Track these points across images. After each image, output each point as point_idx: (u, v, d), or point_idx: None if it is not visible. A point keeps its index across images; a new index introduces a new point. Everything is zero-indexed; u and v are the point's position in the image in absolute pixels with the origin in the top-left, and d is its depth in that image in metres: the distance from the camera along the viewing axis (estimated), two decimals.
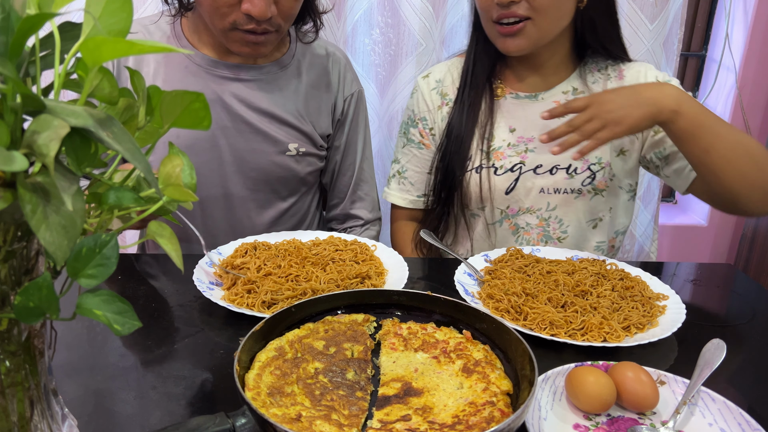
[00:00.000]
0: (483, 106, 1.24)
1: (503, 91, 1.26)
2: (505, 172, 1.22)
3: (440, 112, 1.29)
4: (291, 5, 1.10)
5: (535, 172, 1.21)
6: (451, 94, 1.29)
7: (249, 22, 1.07)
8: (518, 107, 1.24)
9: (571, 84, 1.24)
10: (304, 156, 1.26)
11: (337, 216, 1.40)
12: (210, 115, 0.45)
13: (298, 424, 0.60)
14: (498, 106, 1.25)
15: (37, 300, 0.39)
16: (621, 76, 1.24)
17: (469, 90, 1.24)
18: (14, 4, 0.36)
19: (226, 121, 1.20)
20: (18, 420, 0.46)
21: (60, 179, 0.35)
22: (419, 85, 1.32)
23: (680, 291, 1.01)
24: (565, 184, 1.21)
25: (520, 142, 1.23)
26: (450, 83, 1.29)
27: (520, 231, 1.26)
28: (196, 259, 1.01)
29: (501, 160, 1.22)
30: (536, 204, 1.23)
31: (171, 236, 0.44)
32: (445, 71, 1.31)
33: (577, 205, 1.23)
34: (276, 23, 1.09)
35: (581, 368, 0.71)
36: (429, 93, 1.30)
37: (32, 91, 0.35)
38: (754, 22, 2.15)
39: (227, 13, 1.06)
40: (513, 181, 1.22)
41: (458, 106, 1.25)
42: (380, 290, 0.84)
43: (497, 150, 1.23)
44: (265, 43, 1.12)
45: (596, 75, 1.24)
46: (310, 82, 1.27)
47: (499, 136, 1.23)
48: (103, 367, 0.77)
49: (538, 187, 1.21)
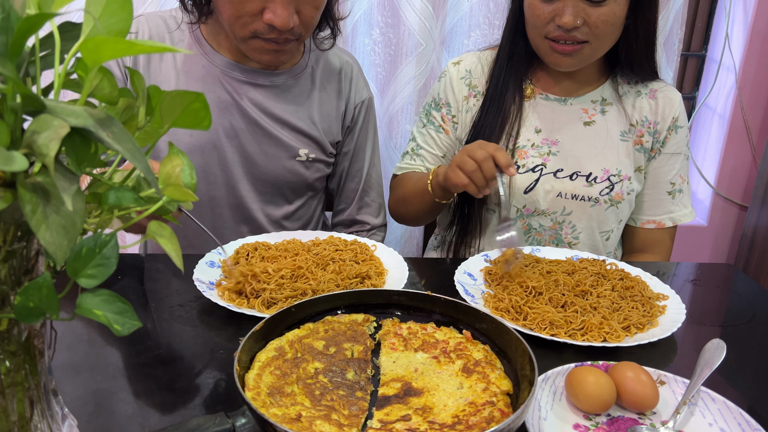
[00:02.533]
0: (513, 104, 1.24)
1: (533, 91, 1.27)
2: (526, 172, 1.23)
3: (466, 103, 1.29)
4: (312, 15, 1.09)
5: (555, 176, 1.23)
6: (479, 86, 1.29)
7: (271, 32, 1.06)
8: (547, 109, 1.26)
9: (601, 94, 1.26)
10: (313, 162, 1.27)
11: (344, 221, 1.41)
12: (210, 116, 0.45)
13: (298, 424, 0.60)
14: (526, 106, 1.26)
15: (37, 300, 0.38)
16: (653, 96, 1.26)
17: (502, 88, 1.25)
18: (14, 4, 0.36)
19: (241, 123, 1.20)
20: (18, 420, 0.46)
21: (60, 179, 0.35)
22: (449, 70, 1.33)
23: (680, 291, 1.01)
24: (584, 192, 1.22)
25: (544, 144, 1.24)
26: (479, 75, 1.30)
27: (532, 231, 1.27)
28: (196, 259, 1.00)
29: (524, 159, 1.23)
30: (552, 207, 1.24)
31: (171, 236, 0.44)
32: (475, 62, 1.31)
33: (591, 213, 1.24)
34: (297, 32, 1.09)
35: (581, 368, 0.71)
36: (458, 81, 1.31)
37: (32, 91, 0.35)
38: (754, 22, 2.15)
39: (249, 22, 1.06)
40: (533, 182, 1.23)
41: (489, 102, 1.26)
42: (380, 290, 0.84)
43: (521, 149, 1.24)
44: (285, 51, 1.12)
45: (626, 88, 1.27)
46: (323, 89, 1.28)
47: (524, 135, 1.25)
48: (103, 367, 0.77)
49: (557, 190, 1.22)
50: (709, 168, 2.40)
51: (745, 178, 2.37)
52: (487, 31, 1.88)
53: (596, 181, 1.22)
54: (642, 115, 1.25)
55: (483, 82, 1.29)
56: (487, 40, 1.89)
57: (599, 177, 1.22)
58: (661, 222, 1.30)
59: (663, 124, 1.25)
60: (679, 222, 1.30)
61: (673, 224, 1.30)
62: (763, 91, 2.25)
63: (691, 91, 2.37)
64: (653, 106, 1.26)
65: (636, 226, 1.32)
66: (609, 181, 1.22)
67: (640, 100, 1.26)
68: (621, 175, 1.23)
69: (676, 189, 1.28)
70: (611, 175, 1.22)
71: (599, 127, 1.24)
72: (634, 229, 1.33)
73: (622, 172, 1.23)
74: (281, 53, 1.12)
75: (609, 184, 1.22)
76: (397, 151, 1.97)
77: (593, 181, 1.22)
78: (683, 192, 1.29)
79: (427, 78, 1.86)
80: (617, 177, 1.22)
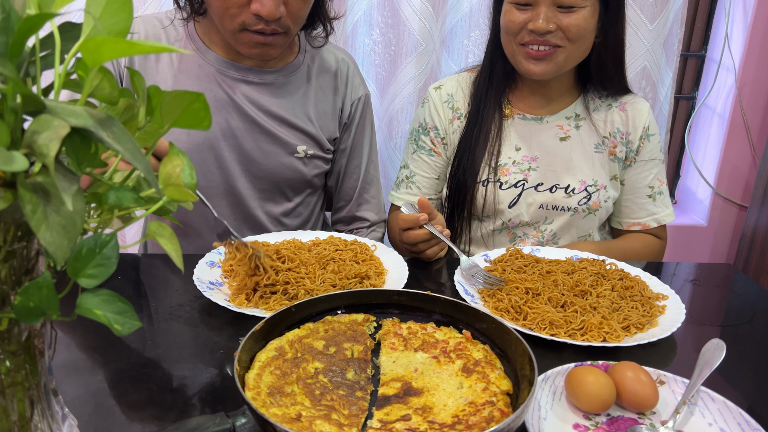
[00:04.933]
0: (493, 124, 1.31)
1: (511, 111, 1.33)
2: (509, 188, 1.29)
3: (451, 125, 1.35)
4: (300, 6, 1.10)
5: (536, 189, 1.29)
6: (462, 108, 1.35)
7: (258, 23, 1.07)
8: (525, 128, 1.32)
9: (574, 110, 1.33)
10: (311, 159, 1.28)
11: (343, 218, 1.41)
12: (210, 116, 0.45)
13: (298, 424, 0.60)
14: (506, 125, 1.32)
15: (37, 300, 0.39)
16: (623, 108, 1.33)
17: (483, 108, 1.31)
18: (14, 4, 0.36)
19: (237, 121, 1.21)
20: (18, 420, 0.46)
21: (60, 179, 0.35)
22: (431, 95, 1.38)
23: (680, 291, 1.01)
24: (563, 202, 1.29)
25: (524, 161, 1.30)
26: (461, 98, 1.36)
27: (516, 239, 1.34)
28: (196, 259, 1.01)
29: (506, 176, 1.30)
30: (534, 218, 1.31)
31: (171, 236, 0.44)
32: (455, 86, 1.37)
33: (571, 221, 1.31)
34: (285, 25, 1.10)
35: (581, 368, 0.71)
36: (441, 105, 1.36)
37: (32, 91, 0.35)
38: (754, 22, 2.15)
39: (236, 14, 1.07)
40: (516, 197, 1.29)
41: (473, 122, 1.32)
42: (380, 290, 0.84)
43: (503, 166, 1.30)
44: (273, 44, 1.13)
45: (597, 102, 1.34)
46: (319, 86, 1.28)
47: (505, 153, 1.31)
48: (103, 367, 0.77)
49: (538, 203, 1.29)
50: (708, 168, 2.40)
51: (744, 178, 2.37)
52: (486, 31, 1.87)
53: (574, 192, 1.29)
54: (614, 127, 1.32)
55: (464, 104, 1.35)
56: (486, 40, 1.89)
57: (577, 188, 1.29)
58: (646, 223, 1.36)
59: (635, 134, 1.32)
60: (662, 222, 1.36)
61: (657, 224, 1.36)
62: (763, 91, 2.25)
63: (691, 91, 2.37)
64: (624, 118, 1.32)
65: (623, 228, 1.38)
66: (586, 191, 1.29)
67: (611, 113, 1.33)
68: (597, 185, 1.29)
69: (656, 192, 1.35)
70: (588, 185, 1.29)
71: (574, 141, 1.31)
72: (622, 231, 1.39)
73: (598, 182, 1.30)
74: (270, 47, 1.13)
75: (586, 194, 1.29)
76: (397, 151, 1.97)
77: (572, 192, 1.29)
78: (663, 194, 1.36)
79: (426, 78, 1.86)
80: (594, 187, 1.29)
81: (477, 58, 1.91)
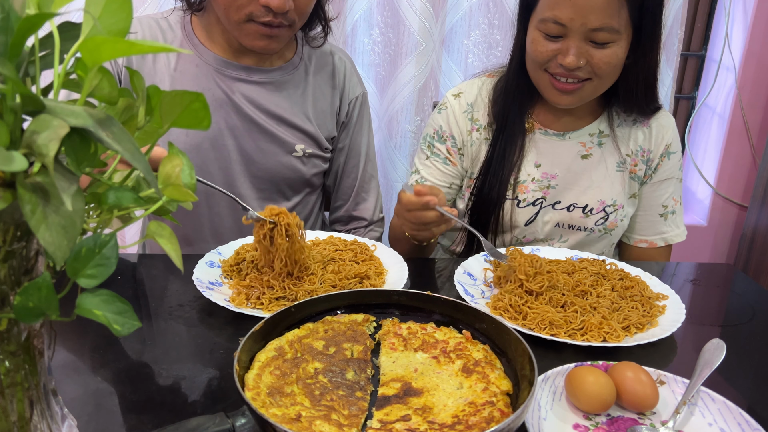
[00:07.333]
0: (519, 138, 1.25)
1: (533, 126, 1.27)
2: (527, 206, 1.25)
3: (470, 136, 1.29)
4: (307, 2, 1.11)
5: (553, 207, 1.26)
6: (481, 120, 1.29)
7: (266, 15, 1.08)
8: (546, 144, 1.26)
9: (598, 126, 1.27)
10: (310, 157, 1.28)
11: (341, 217, 1.41)
12: (209, 116, 0.44)
13: (298, 424, 0.60)
14: (527, 140, 1.27)
15: (37, 300, 0.38)
16: (647, 123, 1.27)
17: (509, 125, 1.24)
18: (14, 4, 0.36)
19: (236, 120, 1.21)
20: (18, 420, 0.46)
21: (60, 179, 0.34)
22: (450, 103, 1.31)
23: (680, 291, 1.01)
24: (580, 222, 1.25)
25: (544, 178, 1.25)
26: (481, 108, 1.29)
27: None
28: (196, 259, 1.01)
29: (524, 194, 1.25)
30: (550, 235, 1.28)
31: (171, 236, 0.44)
32: (476, 93, 1.30)
33: (585, 240, 1.27)
34: (291, 18, 1.11)
35: (581, 368, 0.71)
36: (461, 115, 1.30)
37: (32, 91, 0.35)
38: (754, 22, 2.15)
39: (244, 5, 1.07)
40: (533, 215, 1.26)
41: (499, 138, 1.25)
42: (380, 290, 0.84)
43: (522, 183, 1.25)
44: (278, 37, 1.13)
45: (623, 116, 1.27)
46: (317, 85, 1.28)
47: (524, 169, 1.26)
48: (103, 367, 0.77)
49: (555, 221, 1.26)
50: (708, 168, 2.40)
51: (744, 178, 2.37)
52: (486, 31, 1.88)
53: (592, 213, 1.25)
54: (637, 145, 1.27)
55: (484, 115, 1.28)
56: (486, 40, 1.89)
57: (595, 208, 1.25)
58: (653, 242, 1.33)
59: (656, 152, 1.27)
60: (671, 242, 1.32)
61: (665, 244, 1.33)
62: (763, 91, 2.25)
63: (691, 91, 2.37)
64: (647, 134, 1.27)
65: (629, 243, 1.35)
66: (604, 212, 1.25)
67: (635, 130, 1.27)
68: (616, 205, 1.25)
69: (669, 211, 1.31)
70: (606, 205, 1.25)
71: (596, 159, 1.26)
72: (627, 245, 1.36)
73: (617, 202, 1.26)
74: (274, 39, 1.13)
75: (604, 215, 1.25)
76: (397, 151, 1.97)
77: (589, 212, 1.25)
78: (676, 213, 1.32)
79: (426, 78, 1.86)
80: (612, 207, 1.25)
81: (477, 58, 1.92)
